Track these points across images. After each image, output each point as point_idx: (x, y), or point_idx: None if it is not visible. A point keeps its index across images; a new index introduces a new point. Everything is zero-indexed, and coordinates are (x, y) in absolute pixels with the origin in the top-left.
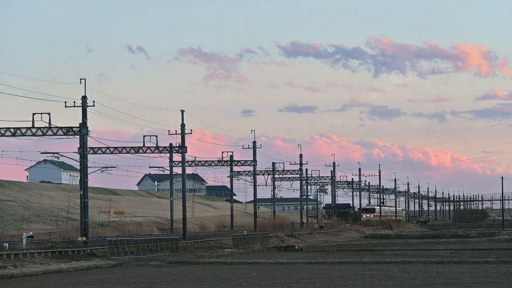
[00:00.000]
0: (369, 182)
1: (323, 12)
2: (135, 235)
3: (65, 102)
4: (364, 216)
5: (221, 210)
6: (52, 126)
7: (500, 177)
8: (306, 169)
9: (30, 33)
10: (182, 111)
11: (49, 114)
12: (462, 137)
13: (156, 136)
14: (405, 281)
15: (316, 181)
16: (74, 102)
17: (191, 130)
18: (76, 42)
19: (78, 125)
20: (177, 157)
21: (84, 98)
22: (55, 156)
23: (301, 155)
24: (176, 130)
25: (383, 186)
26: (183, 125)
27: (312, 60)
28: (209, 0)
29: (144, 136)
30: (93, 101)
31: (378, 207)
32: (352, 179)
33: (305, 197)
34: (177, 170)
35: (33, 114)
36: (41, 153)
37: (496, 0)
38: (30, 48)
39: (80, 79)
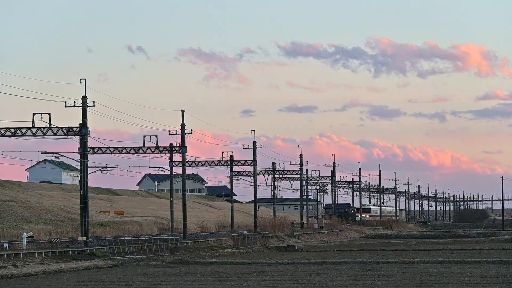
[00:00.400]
0: (369, 182)
1: (323, 12)
2: (135, 235)
3: (65, 102)
4: (359, 216)
5: (221, 210)
6: (52, 126)
7: (500, 177)
8: (306, 169)
9: (30, 33)
10: (182, 111)
11: (49, 114)
12: (462, 137)
13: (156, 136)
14: (405, 281)
15: (316, 181)
16: (74, 102)
17: (191, 130)
18: (76, 42)
19: (78, 125)
20: (177, 157)
21: (84, 98)
22: (55, 156)
23: (301, 155)
24: (176, 130)
25: (383, 186)
26: (183, 125)
27: (312, 60)
28: (209, 0)
29: (144, 136)
30: (93, 101)
31: (374, 207)
32: (352, 179)
33: (305, 197)
34: (177, 170)
35: (33, 114)
36: (41, 153)
37: (496, 0)
38: (30, 48)
39: (80, 79)
